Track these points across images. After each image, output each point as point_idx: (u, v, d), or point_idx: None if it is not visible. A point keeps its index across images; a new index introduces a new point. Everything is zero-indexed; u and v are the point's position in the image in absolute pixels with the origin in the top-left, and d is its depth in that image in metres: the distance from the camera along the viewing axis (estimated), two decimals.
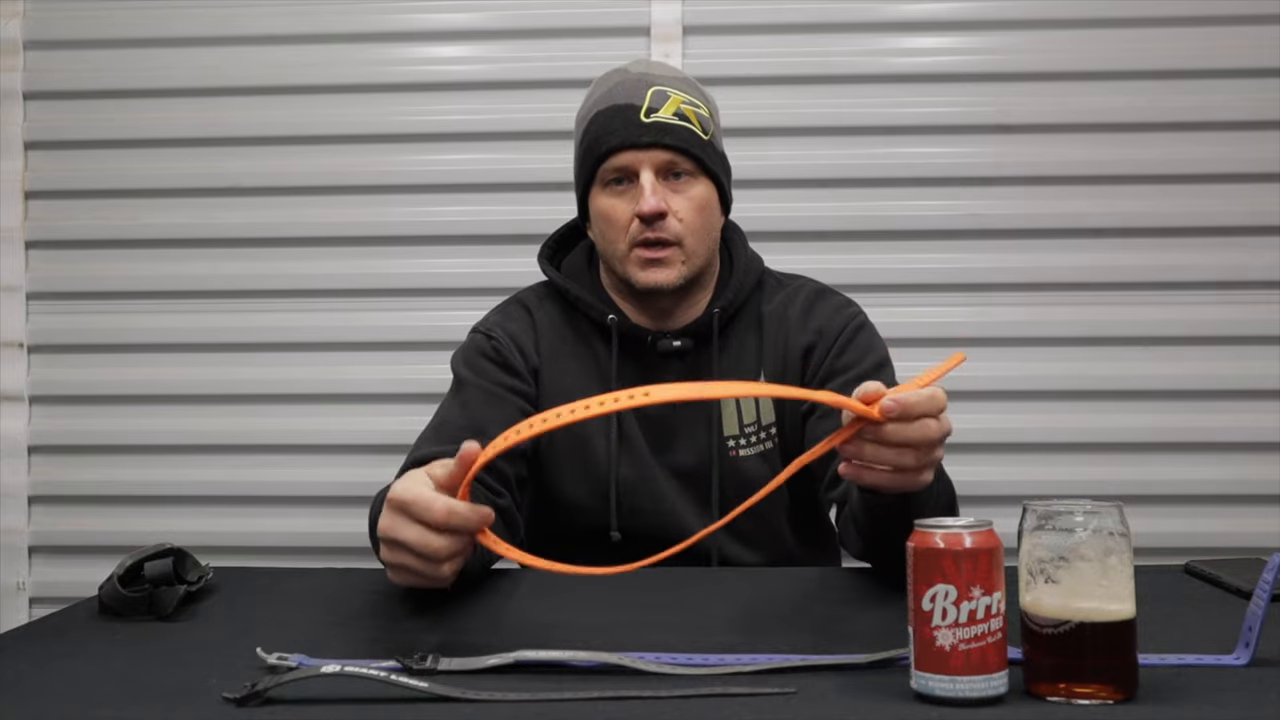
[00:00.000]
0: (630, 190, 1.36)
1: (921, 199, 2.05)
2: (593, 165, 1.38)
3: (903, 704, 0.78)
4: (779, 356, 1.42)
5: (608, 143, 1.35)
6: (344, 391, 2.09)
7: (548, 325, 1.45)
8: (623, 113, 1.36)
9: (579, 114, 1.45)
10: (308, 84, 2.11)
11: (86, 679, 0.88)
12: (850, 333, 1.42)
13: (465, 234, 2.09)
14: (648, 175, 1.34)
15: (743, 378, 1.40)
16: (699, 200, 1.37)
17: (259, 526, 2.08)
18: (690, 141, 1.35)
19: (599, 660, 0.87)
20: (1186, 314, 2.02)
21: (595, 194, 1.39)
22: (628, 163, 1.35)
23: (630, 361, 1.41)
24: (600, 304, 1.42)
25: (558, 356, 1.43)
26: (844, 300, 1.48)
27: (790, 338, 1.43)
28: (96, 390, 2.13)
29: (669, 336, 1.40)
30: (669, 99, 1.36)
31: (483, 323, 1.48)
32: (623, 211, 1.36)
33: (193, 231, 2.12)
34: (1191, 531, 1.97)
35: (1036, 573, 0.79)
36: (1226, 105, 2.02)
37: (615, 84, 1.40)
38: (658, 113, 1.35)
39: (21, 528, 2.12)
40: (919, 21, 2.06)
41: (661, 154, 1.35)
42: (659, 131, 1.34)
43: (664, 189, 1.35)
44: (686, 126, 1.36)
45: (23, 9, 2.14)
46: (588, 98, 1.44)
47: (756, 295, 1.46)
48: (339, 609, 1.11)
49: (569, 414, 0.87)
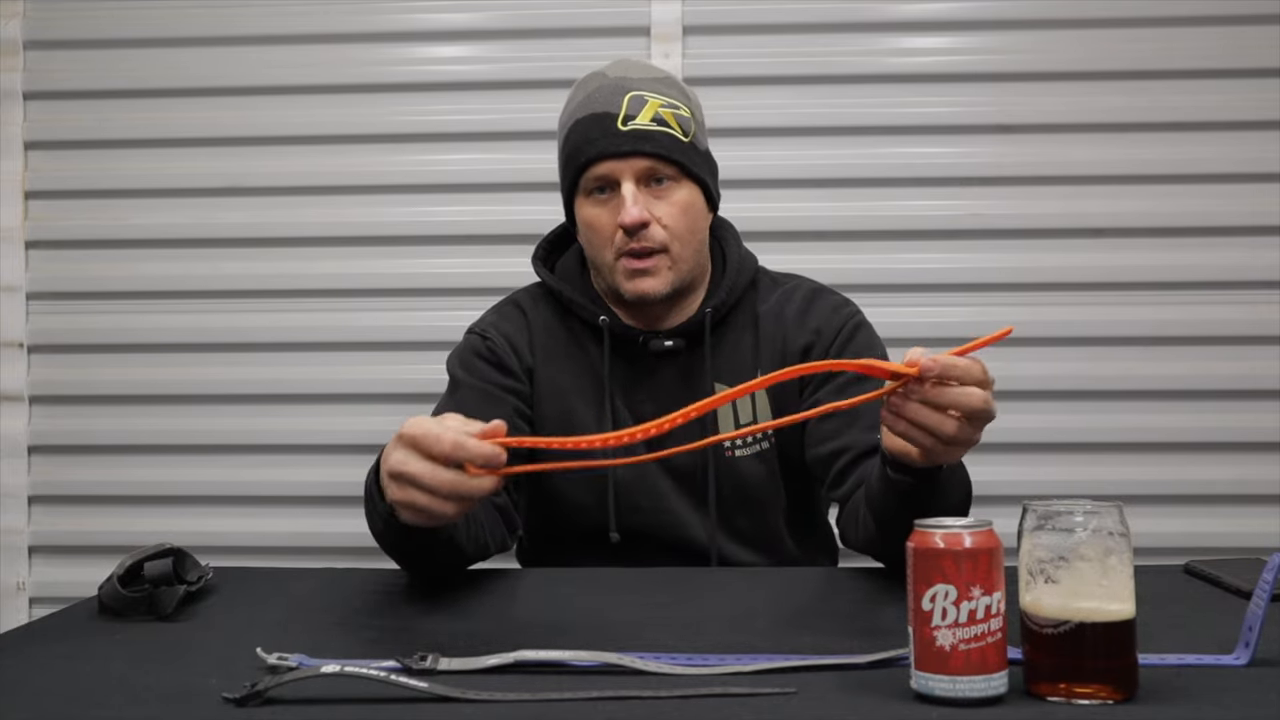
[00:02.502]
0: (613, 199, 1.35)
1: (921, 199, 2.05)
2: (574, 174, 1.37)
3: (903, 704, 0.78)
4: (776, 355, 1.41)
5: (587, 153, 1.34)
6: (344, 391, 2.09)
7: (542, 326, 1.45)
8: (600, 121, 1.34)
9: (560, 118, 1.43)
10: (308, 84, 2.11)
11: (86, 679, 0.88)
12: (849, 332, 1.42)
13: (465, 234, 2.09)
14: (628, 185, 1.33)
15: (737, 377, 1.39)
16: (682, 205, 1.36)
17: (259, 526, 2.08)
18: (669, 147, 1.34)
19: (599, 660, 0.87)
20: (1186, 314, 2.02)
21: (580, 202, 1.39)
22: (607, 172, 1.34)
23: (622, 362, 1.41)
24: (592, 305, 1.42)
25: (552, 357, 1.43)
26: (841, 299, 1.47)
27: (788, 337, 1.42)
28: (96, 390, 2.13)
29: (661, 337, 1.40)
30: (646, 104, 1.34)
31: (478, 323, 1.48)
32: (606, 221, 1.35)
33: (193, 231, 2.12)
34: (1191, 531, 1.97)
35: (1036, 573, 0.79)
36: (1226, 105, 2.02)
37: (593, 90, 1.38)
38: (635, 119, 1.33)
39: (21, 528, 2.12)
40: (919, 21, 2.06)
41: (641, 161, 1.33)
42: (637, 139, 1.33)
43: (646, 196, 1.34)
44: (665, 131, 1.34)
45: (23, 9, 2.14)
46: (568, 102, 1.42)
47: (751, 294, 1.45)
48: (339, 609, 1.11)
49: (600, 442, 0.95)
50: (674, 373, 1.40)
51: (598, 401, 1.40)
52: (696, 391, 1.35)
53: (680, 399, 1.36)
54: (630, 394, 1.41)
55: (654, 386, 1.41)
